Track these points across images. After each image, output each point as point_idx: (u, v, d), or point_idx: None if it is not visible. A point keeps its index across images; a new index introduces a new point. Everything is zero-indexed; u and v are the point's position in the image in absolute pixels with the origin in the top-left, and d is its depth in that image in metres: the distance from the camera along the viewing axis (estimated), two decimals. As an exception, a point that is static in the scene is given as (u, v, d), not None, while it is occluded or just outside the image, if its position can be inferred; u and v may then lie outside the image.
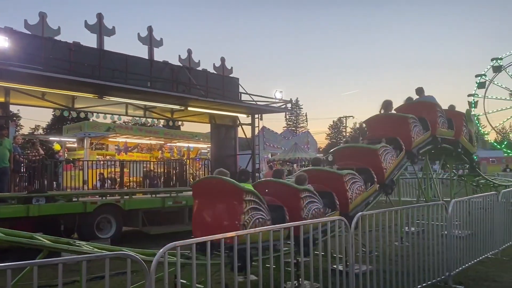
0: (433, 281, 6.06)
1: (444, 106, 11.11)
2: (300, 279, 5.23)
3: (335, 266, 5.39)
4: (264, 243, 4.28)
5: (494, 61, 43.69)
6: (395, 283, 5.41)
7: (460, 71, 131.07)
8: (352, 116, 70.82)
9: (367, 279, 5.12)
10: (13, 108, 13.40)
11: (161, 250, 3.44)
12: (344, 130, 69.16)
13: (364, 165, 7.66)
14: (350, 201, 6.71)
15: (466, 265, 6.85)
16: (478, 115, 44.18)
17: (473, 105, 44.06)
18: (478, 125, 42.85)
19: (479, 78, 44.24)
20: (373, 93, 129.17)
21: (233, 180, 5.34)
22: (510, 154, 43.14)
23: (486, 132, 46.32)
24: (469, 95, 44.93)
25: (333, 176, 6.93)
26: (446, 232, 6.40)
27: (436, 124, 9.80)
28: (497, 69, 43.68)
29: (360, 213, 4.99)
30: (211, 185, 5.67)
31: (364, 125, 11.31)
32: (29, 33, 11.05)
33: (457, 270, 6.54)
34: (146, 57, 13.49)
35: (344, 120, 65.04)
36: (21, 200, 9.53)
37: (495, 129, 47.18)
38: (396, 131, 8.78)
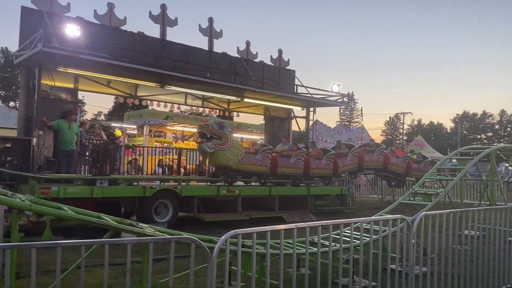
0: (498, 288, 5.75)
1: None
2: (355, 276, 5.16)
3: (392, 265, 5.26)
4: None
5: None
6: (457, 287, 5.19)
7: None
8: (410, 113, 67.53)
9: (427, 281, 4.95)
10: (79, 94, 14.13)
11: (223, 237, 3.50)
12: (401, 126, 66.70)
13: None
14: None
15: (535, 275, 6.43)
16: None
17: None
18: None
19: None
20: (428, 91, 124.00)
21: None
22: None
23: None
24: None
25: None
26: (512, 239, 6.04)
27: None
28: None
29: (424, 213, 4.81)
30: None
31: None
32: (98, 22, 11.58)
33: (524, 279, 6.15)
34: (206, 48, 13.75)
35: (402, 117, 62.56)
36: (86, 182, 10.08)
37: None
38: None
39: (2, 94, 48.25)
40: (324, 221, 4.28)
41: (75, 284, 5.39)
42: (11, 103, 45.41)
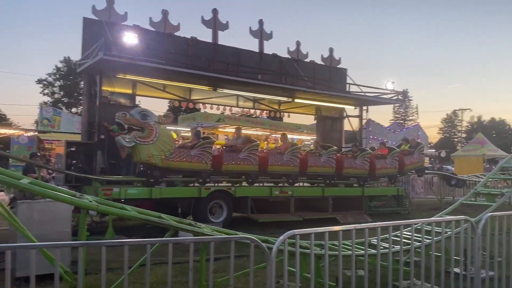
0: None
1: None
2: (416, 279, 4.99)
3: (456, 269, 5.06)
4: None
5: None
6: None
7: None
8: (469, 109, 63.74)
9: (494, 286, 4.71)
10: (136, 99, 14.67)
11: (281, 237, 3.52)
12: (460, 124, 63.47)
13: None
14: None
15: None
16: None
17: None
18: None
19: None
20: (488, 86, 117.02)
21: None
22: None
23: None
24: None
25: None
26: None
27: None
28: None
29: (489, 214, 4.58)
30: None
31: None
32: (153, 29, 12.01)
33: None
34: (257, 50, 13.86)
35: (460, 114, 59.45)
36: (145, 183, 10.44)
37: None
38: None
39: (65, 101, 51.13)
40: (383, 222, 4.20)
41: (136, 281, 5.62)
42: (74, 109, 48.03)
